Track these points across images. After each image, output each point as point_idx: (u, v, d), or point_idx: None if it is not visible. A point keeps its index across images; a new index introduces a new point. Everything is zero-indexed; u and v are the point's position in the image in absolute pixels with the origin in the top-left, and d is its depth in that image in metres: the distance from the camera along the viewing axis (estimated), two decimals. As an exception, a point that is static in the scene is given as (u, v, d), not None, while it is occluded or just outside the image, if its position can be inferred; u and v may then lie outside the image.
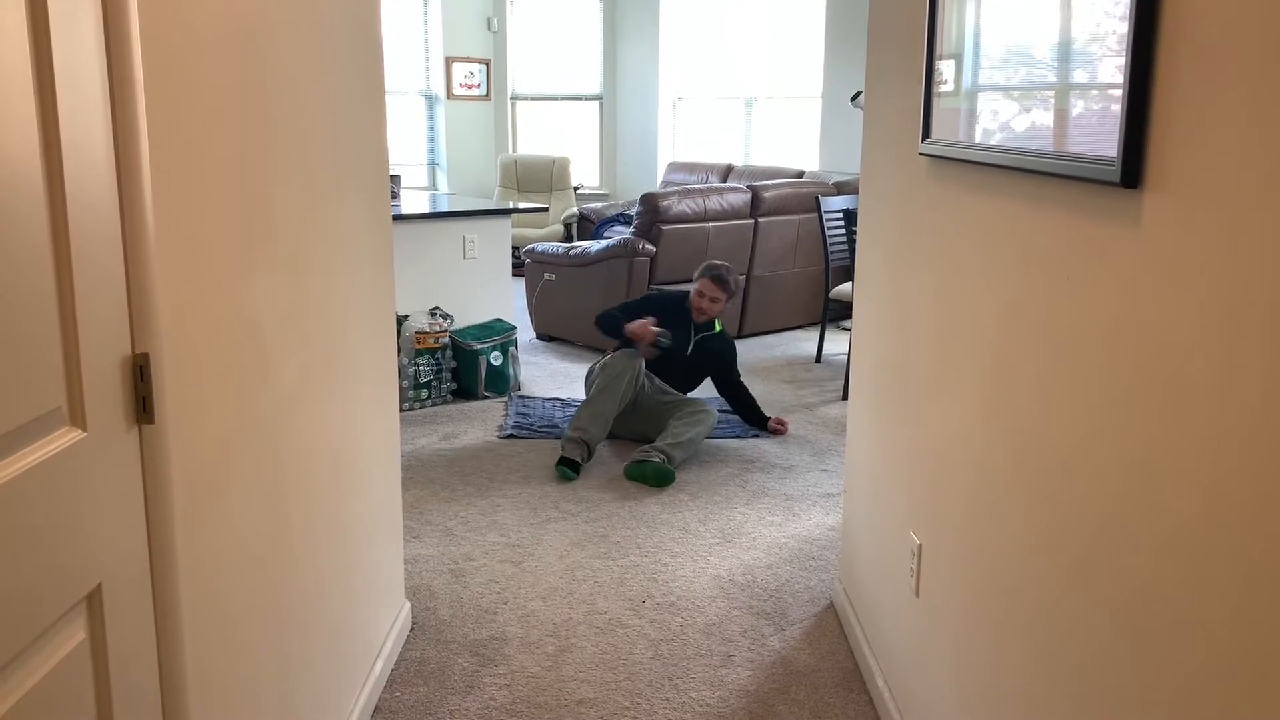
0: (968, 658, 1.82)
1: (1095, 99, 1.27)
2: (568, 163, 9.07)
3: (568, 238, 8.59)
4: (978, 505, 1.77)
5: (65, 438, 1.12)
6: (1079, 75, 1.33)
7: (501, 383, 5.05)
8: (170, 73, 1.33)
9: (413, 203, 5.52)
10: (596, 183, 9.81)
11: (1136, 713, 1.19)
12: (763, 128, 8.91)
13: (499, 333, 5.07)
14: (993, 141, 1.66)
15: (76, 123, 1.11)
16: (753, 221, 6.23)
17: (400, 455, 2.83)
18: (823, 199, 5.72)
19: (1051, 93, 1.43)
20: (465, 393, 5.03)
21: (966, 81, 1.83)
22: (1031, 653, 1.52)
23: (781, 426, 4.54)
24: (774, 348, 6.22)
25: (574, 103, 9.73)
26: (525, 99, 9.71)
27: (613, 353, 4.32)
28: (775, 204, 6.29)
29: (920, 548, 2.13)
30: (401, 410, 4.74)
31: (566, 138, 9.73)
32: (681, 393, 4.47)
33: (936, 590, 2.02)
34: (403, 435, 4.43)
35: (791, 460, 4.23)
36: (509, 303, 5.42)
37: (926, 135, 2.06)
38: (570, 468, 3.94)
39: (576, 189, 9.22)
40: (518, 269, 7.32)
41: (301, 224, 1.88)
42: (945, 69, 1.97)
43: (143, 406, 1.27)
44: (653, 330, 4.25)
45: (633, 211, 7.32)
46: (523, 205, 5.92)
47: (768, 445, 4.41)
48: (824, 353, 5.90)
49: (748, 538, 3.46)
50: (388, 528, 2.61)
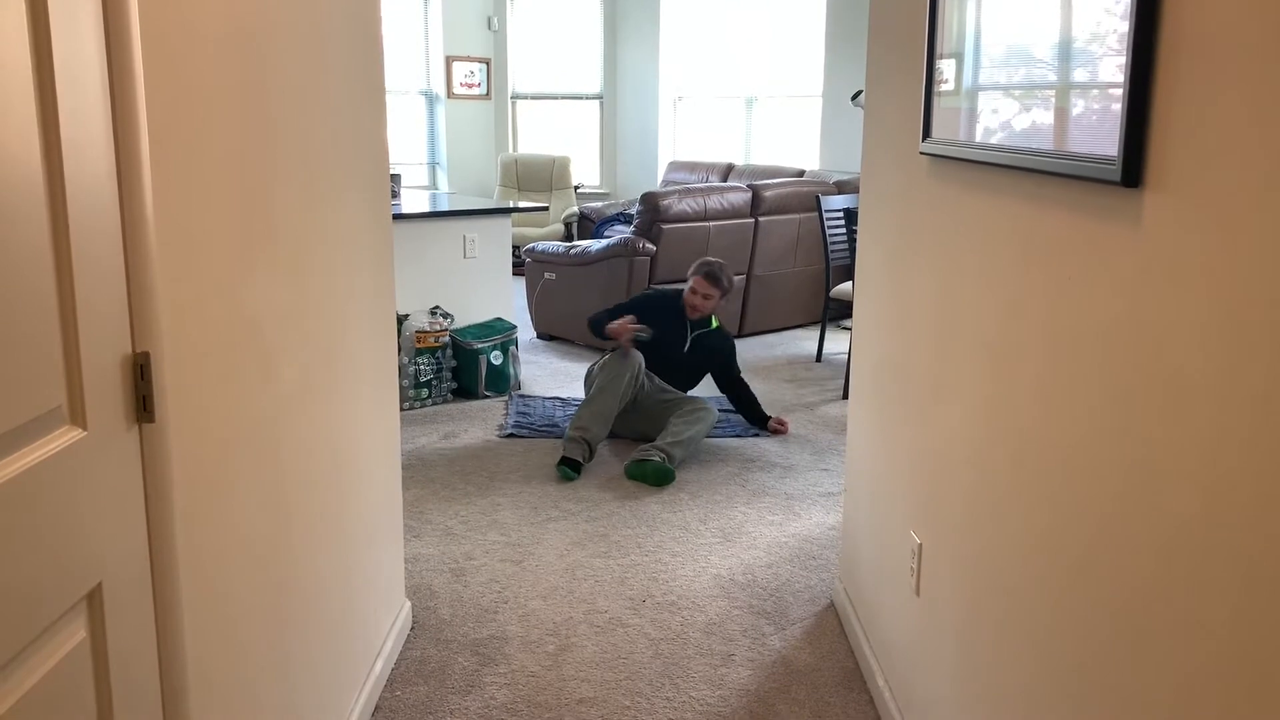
0: (968, 657, 1.82)
1: (1096, 98, 1.27)
2: (568, 162, 9.07)
3: (568, 237, 8.58)
4: (978, 505, 1.77)
5: (66, 437, 1.12)
6: (1079, 74, 1.33)
7: (502, 382, 5.05)
8: (170, 72, 1.33)
9: (413, 202, 5.52)
10: (597, 182, 9.81)
11: (1137, 713, 1.19)
12: (763, 127, 8.91)
13: (499, 332, 5.07)
14: (993, 141, 1.66)
15: (77, 122, 1.11)
16: (753, 221, 6.23)
17: (400, 454, 2.83)
18: (823, 198, 5.71)
19: (1052, 92, 1.43)
20: (465, 392, 5.03)
21: (967, 81, 1.83)
22: (1032, 652, 1.52)
23: (782, 426, 4.54)
24: (774, 347, 6.22)
25: (574, 102, 9.73)
26: (525, 98, 9.71)
27: (611, 352, 4.32)
28: (776, 203, 6.29)
29: (920, 547, 2.13)
30: (402, 409, 4.74)
31: (567, 137, 9.72)
32: (681, 391, 4.48)
33: (937, 590, 2.02)
34: (403, 434, 4.43)
35: (792, 459, 4.23)
36: (509, 302, 5.42)
37: (927, 134, 2.06)
38: (571, 467, 3.94)
39: (577, 188, 9.21)
40: (518, 268, 7.31)
41: (301, 223, 1.88)
42: (946, 68, 1.97)
43: (143, 405, 1.27)
44: (630, 327, 4.26)
45: (633, 211, 7.32)
46: (523, 204, 5.92)
47: (768, 444, 4.41)
48: (824, 352, 5.90)
49: (748, 537, 3.46)
50: (388, 527, 2.61)
